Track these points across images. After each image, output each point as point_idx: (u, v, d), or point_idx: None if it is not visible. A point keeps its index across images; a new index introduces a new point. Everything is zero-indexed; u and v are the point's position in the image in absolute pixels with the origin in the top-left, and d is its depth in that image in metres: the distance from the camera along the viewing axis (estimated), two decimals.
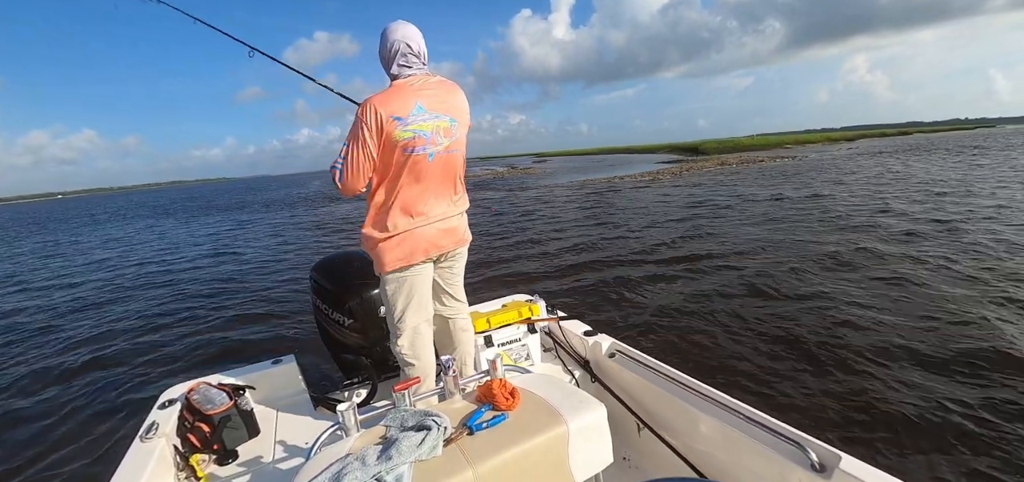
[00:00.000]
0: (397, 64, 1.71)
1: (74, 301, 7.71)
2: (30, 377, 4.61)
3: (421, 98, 1.67)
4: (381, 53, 1.75)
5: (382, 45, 1.74)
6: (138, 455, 1.65)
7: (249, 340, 5.04)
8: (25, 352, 5.38)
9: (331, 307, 2.16)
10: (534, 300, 2.40)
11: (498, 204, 16.22)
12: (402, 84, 1.69)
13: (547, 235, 9.52)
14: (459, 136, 1.78)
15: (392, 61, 1.71)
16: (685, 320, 4.43)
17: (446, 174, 1.78)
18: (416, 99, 1.66)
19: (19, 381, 4.54)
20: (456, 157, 1.79)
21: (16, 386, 4.43)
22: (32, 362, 5.03)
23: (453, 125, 1.74)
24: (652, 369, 1.87)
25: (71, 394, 4.13)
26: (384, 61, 1.75)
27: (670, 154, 53.40)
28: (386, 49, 1.72)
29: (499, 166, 57.04)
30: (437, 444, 1.12)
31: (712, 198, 13.05)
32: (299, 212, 20.88)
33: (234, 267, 9.38)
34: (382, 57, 1.75)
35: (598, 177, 25.05)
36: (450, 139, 1.74)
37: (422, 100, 1.67)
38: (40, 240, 19.56)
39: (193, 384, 2.01)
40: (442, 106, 1.71)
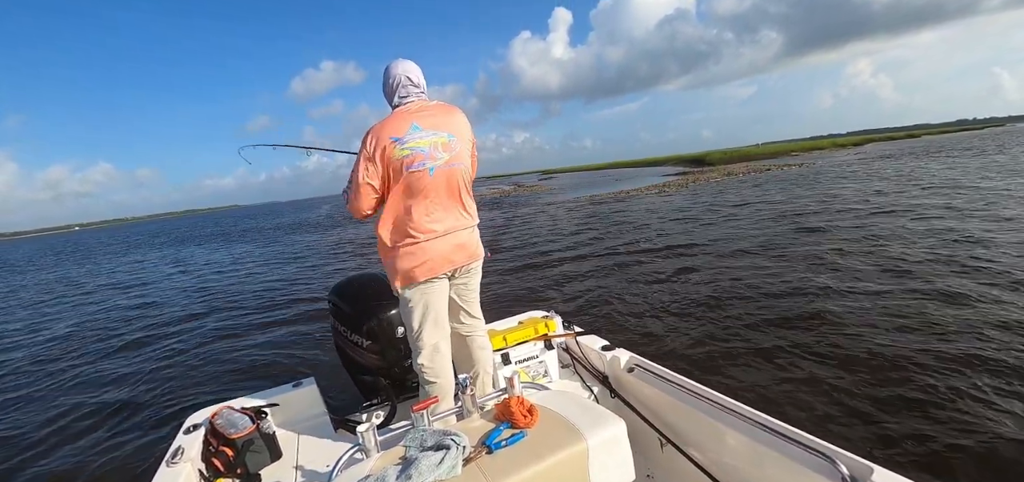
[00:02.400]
0: (398, 95, 1.84)
1: (100, 329, 7.85)
2: (62, 402, 4.68)
3: (417, 119, 1.77)
4: (384, 89, 1.90)
5: (385, 81, 1.89)
6: (165, 480, 1.66)
7: (270, 363, 5.07)
8: (54, 378, 5.47)
9: (349, 329, 2.17)
10: (550, 316, 2.38)
11: (507, 222, 16.25)
12: (401, 110, 1.80)
13: (558, 251, 9.48)
14: (459, 151, 1.84)
15: (394, 93, 1.85)
16: (704, 332, 4.32)
17: (450, 188, 1.82)
18: (412, 120, 1.76)
19: (50, 405, 4.60)
20: (458, 171, 1.84)
21: (47, 410, 4.49)
22: (64, 387, 5.12)
23: (452, 140, 1.81)
24: (673, 383, 1.83)
25: (101, 417, 4.18)
26: (387, 95, 1.89)
27: (676, 166, 53.16)
28: (389, 84, 1.87)
29: (505, 184, 56.76)
30: (456, 464, 1.12)
31: (721, 208, 12.95)
32: (312, 236, 21.12)
33: (252, 291, 9.47)
34: (385, 92, 1.90)
35: (605, 192, 24.95)
36: (450, 153, 1.80)
37: (418, 120, 1.77)
38: (61, 271, 20.01)
39: (217, 408, 2.02)
40: (439, 124, 1.80)
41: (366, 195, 1.78)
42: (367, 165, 1.74)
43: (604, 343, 2.28)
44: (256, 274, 11.97)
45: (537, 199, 26.19)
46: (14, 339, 8.04)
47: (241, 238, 25.56)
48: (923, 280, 5.00)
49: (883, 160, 26.48)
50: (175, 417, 3.78)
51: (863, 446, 2.51)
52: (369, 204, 1.81)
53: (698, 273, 6.35)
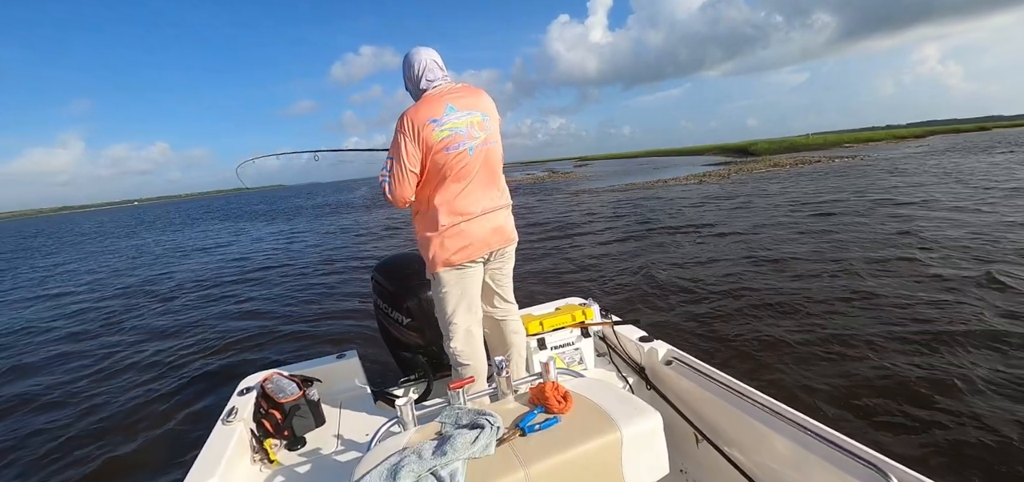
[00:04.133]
0: (425, 79, 1.81)
1: (164, 296, 8.45)
2: (133, 359, 5.10)
3: (450, 99, 1.75)
4: (410, 77, 1.86)
5: (409, 70, 1.85)
6: (220, 436, 1.78)
7: (316, 334, 5.31)
8: (129, 338, 5.95)
9: (391, 306, 2.23)
10: (588, 304, 2.35)
11: (542, 208, 16.17)
12: (432, 94, 1.77)
13: (593, 238, 9.37)
14: (493, 129, 1.83)
15: (421, 78, 1.82)
16: (746, 330, 4.13)
17: (487, 168, 1.81)
18: (446, 101, 1.74)
19: (124, 362, 5.01)
20: (494, 150, 1.84)
21: (121, 365, 4.89)
22: (136, 345, 5.57)
23: (485, 119, 1.80)
24: (712, 379, 1.78)
25: (166, 375, 4.53)
26: (413, 83, 1.85)
27: (718, 156, 51.08)
28: (415, 71, 1.83)
29: (539, 171, 55.95)
30: (490, 443, 1.13)
31: (765, 201, 12.35)
32: (353, 215, 21.78)
33: (301, 266, 9.91)
34: (410, 80, 1.86)
35: (642, 180, 24.34)
36: (485, 132, 1.79)
37: (451, 101, 1.75)
38: (126, 242, 21.57)
39: (268, 374, 2.13)
40: (471, 104, 1.78)
41: (409, 181, 1.74)
42: (407, 150, 1.69)
43: (642, 334, 2.24)
44: (304, 250, 12.49)
45: (572, 186, 25.82)
46: (97, 299, 8.77)
47: (288, 216, 26.67)
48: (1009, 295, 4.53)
49: (948, 154, 24.40)
50: (230, 379, 4.03)
51: (920, 462, 2.36)
52: (412, 190, 1.77)
53: (740, 268, 6.11)
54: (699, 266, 6.43)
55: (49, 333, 6.66)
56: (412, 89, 1.86)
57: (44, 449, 3.45)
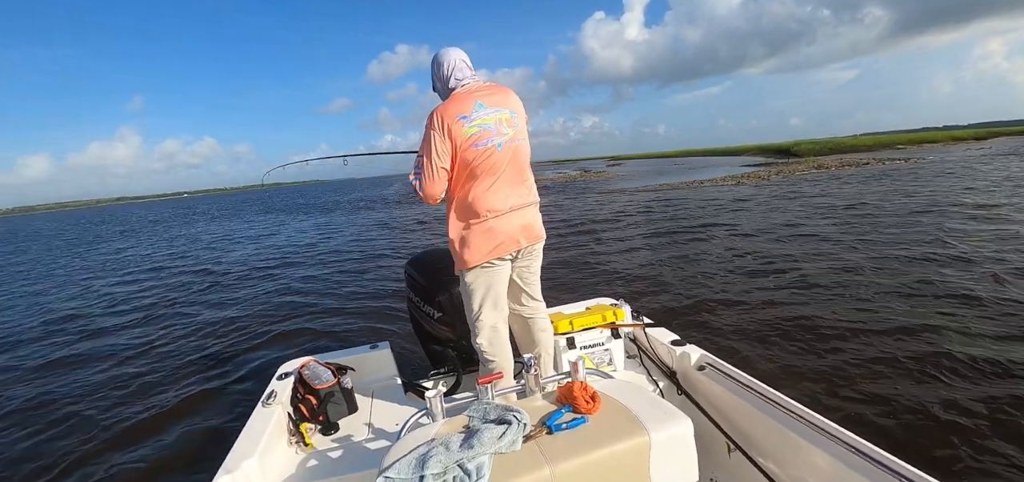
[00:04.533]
0: (454, 77, 1.84)
1: (213, 281, 8.94)
2: (179, 343, 5.40)
3: (479, 97, 1.77)
4: (439, 76, 1.88)
5: (439, 70, 1.87)
6: (260, 418, 1.86)
7: (350, 325, 5.47)
8: (175, 319, 6.31)
9: (422, 300, 2.27)
10: (619, 305, 2.32)
11: (572, 207, 16.05)
12: (460, 91, 1.80)
13: (624, 239, 9.22)
14: (520, 127, 1.84)
15: (450, 77, 1.84)
16: (783, 339, 3.95)
17: (515, 165, 1.82)
18: (475, 98, 1.76)
19: (169, 344, 5.32)
20: (522, 147, 1.85)
21: (166, 347, 5.20)
22: (180, 326, 5.91)
23: (513, 116, 1.82)
24: (747, 387, 1.72)
25: (208, 358, 4.78)
26: (442, 82, 1.87)
27: (757, 156, 49.13)
28: (444, 70, 1.85)
29: (571, 170, 55.13)
30: (517, 439, 1.14)
31: (808, 203, 11.79)
32: (386, 211, 22.27)
33: (337, 258, 10.24)
34: (439, 79, 1.88)
35: (677, 180, 23.74)
36: (513, 129, 1.81)
37: (480, 98, 1.77)
38: (180, 231, 22.82)
39: (305, 361, 2.22)
40: (499, 101, 1.80)
41: (440, 178, 1.76)
42: (438, 147, 1.72)
43: (674, 338, 2.19)
44: (340, 242, 12.88)
45: (604, 185, 25.47)
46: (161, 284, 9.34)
47: (325, 210, 27.58)
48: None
49: (1013, 158, 22.57)
50: (269, 363, 4.23)
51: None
52: (443, 186, 1.79)
53: (778, 273, 5.87)
54: (734, 270, 6.23)
55: (109, 312, 7.17)
56: (441, 88, 1.89)
57: (98, 413, 3.73)
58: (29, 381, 4.69)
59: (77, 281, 10.76)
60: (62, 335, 6.22)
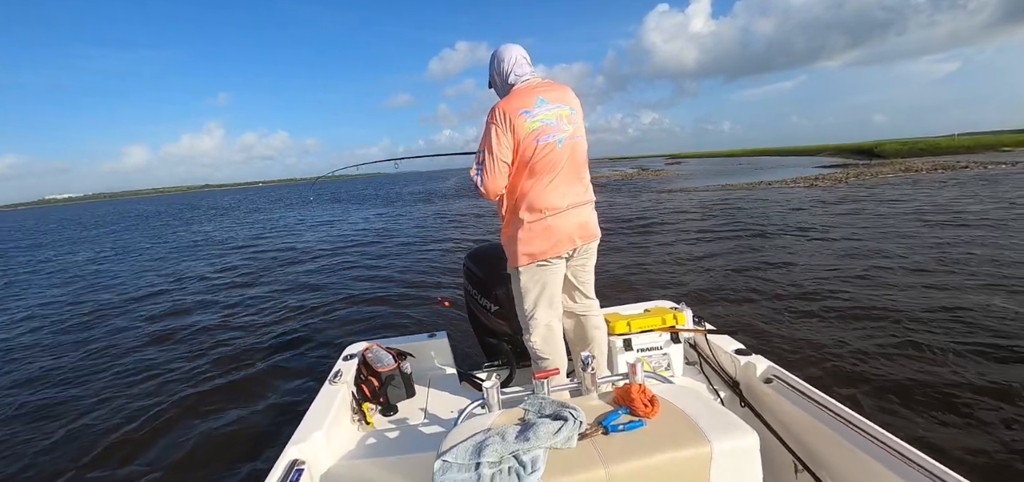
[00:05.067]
0: (514, 73, 1.83)
1: (287, 263, 9.68)
2: (255, 316, 5.88)
3: (540, 92, 1.76)
4: (499, 71, 1.87)
5: (499, 65, 1.87)
6: (327, 394, 1.99)
7: (409, 313, 5.68)
8: (249, 297, 6.87)
9: (480, 293, 2.31)
10: (680, 308, 2.23)
11: (629, 206, 15.63)
12: (521, 87, 1.79)
13: (685, 241, 8.85)
14: (579, 124, 1.83)
15: (510, 73, 1.84)
16: (859, 359, 3.59)
17: (574, 162, 1.81)
18: (537, 94, 1.75)
19: (246, 324, 5.80)
20: (581, 145, 1.83)
21: (243, 324, 5.66)
22: (255, 304, 6.43)
23: (572, 113, 1.81)
24: (820, 404, 1.61)
25: (284, 336, 5.15)
26: (502, 77, 1.86)
27: (834, 157, 45.23)
28: (505, 66, 1.85)
29: (628, 167, 53.24)
30: (572, 436, 1.13)
31: (893, 211, 10.66)
32: (445, 204, 22.82)
33: (398, 247, 10.69)
34: (499, 75, 1.87)
35: (741, 181, 22.37)
36: (573, 126, 1.80)
37: (542, 93, 1.76)
38: (260, 217, 24.71)
39: (368, 344, 2.34)
40: (559, 98, 1.79)
41: (501, 172, 1.75)
42: (499, 140, 1.70)
43: (738, 346, 2.09)
44: (402, 233, 13.43)
45: (663, 184, 24.54)
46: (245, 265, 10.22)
47: (387, 201, 28.80)
48: None
49: None
50: (336, 344, 4.51)
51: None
52: (504, 181, 1.78)
53: (854, 287, 5.37)
54: (805, 279, 5.78)
55: (197, 285, 7.94)
56: (500, 84, 1.89)
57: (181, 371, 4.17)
58: (137, 348, 5.30)
59: (173, 257, 12.03)
60: (161, 303, 7.00)
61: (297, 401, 3.52)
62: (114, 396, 3.97)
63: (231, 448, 3.05)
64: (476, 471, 1.07)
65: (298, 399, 3.56)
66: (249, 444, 3.08)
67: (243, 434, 3.22)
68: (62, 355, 5.17)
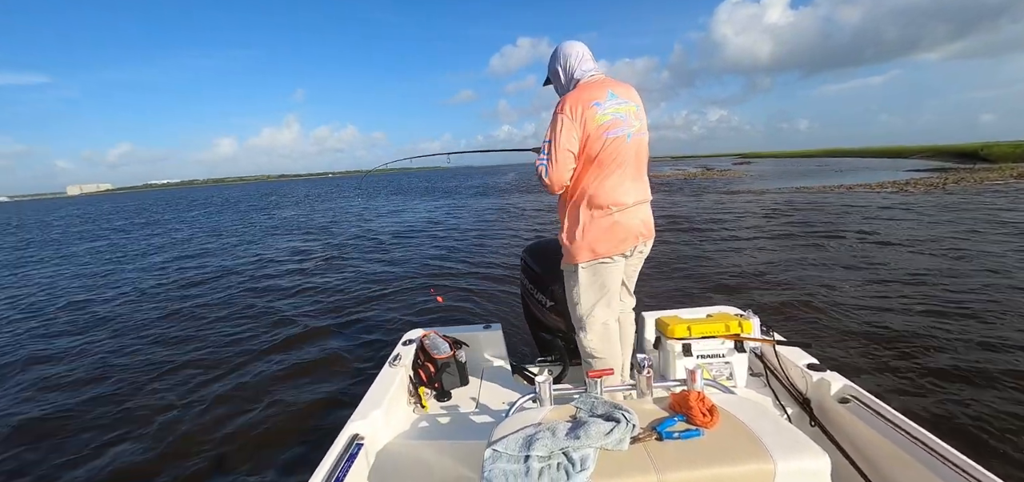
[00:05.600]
0: (581, 69, 1.81)
1: (356, 248, 10.29)
2: (320, 301, 6.28)
3: (610, 86, 1.74)
4: (564, 67, 1.84)
5: (564, 61, 1.83)
6: (387, 376, 2.08)
7: (464, 304, 5.81)
8: (319, 279, 7.34)
9: (536, 288, 2.32)
10: (746, 316, 2.10)
11: (692, 206, 14.95)
12: (590, 81, 1.77)
13: (751, 246, 8.31)
14: (644, 121, 1.81)
15: (576, 68, 1.81)
16: (957, 384, 3.22)
17: (639, 158, 1.79)
18: (607, 88, 1.73)
19: (317, 303, 6.21)
20: (645, 142, 1.81)
21: (318, 308, 6.07)
22: (326, 284, 6.87)
23: (638, 110, 1.78)
24: (902, 430, 1.47)
25: (347, 319, 5.46)
26: (567, 72, 1.83)
27: (930, 159, 40.50)
28: (570, 61, 1.82)
29: (692, 166, 50.30)
30: (624, 438, 1.11)
31: (998, 224, 9.29)
32: (503, 198, 23.08)
33: (457, 239, 10.96)
34: (564, 70, 1.84)
35: (819, 184, 20.59)
36: (640, 122, 1.77)
37: (611, 88, 1.74)
38: (331, 204, 26.30)
39: (426, 331, 2.42)
40: (626, 94, 1.77)
41: (568, 163, 1.72)
42: (569, 131, 1.68)
43: (811, 361, 1.93)
44: (461, 224, 13.78)
45: (730, 185, 23.12)
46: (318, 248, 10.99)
47: (446, 194, 29.61)
48: None
49: None
50: (396, 330, 4.73)
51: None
52: (569, 173, 1.75)
53: (953, 307, 4.76)
54: (891, 295, 5.23)
55: (275, 265, 8.62)
56: (564, 79, 1.85)
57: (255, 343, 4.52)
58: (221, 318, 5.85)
59: (258, 238, 13.17)
60: (243, 279, 7.68)
61: (358, 380, 3.73)
62: (195, 364, 4.39)
63: (297, 420, 3.28)
64: (525, 463, 1.07)
65: (359, 379, 3.76)
66: (313, 417, 3.30)
67: (308, 408, 3.44)
68: (151, 326, 5.81)
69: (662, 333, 2.05)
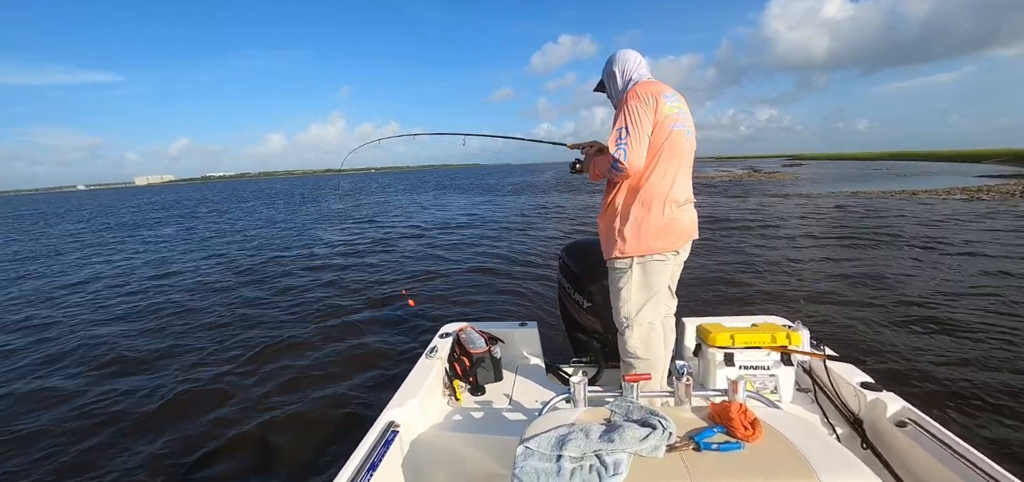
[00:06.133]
0: (638, 73, 1.81)
1: (395, 240, 10.57)
2: (362, 292, 6.48)
3: (665, 87, 1.76)
4: (623, 70, 1.84)
5: (623, 66, 1.84)
6: (423, 367, 2.12)
7: (499, 301, 5.85)
8: (354, 276, 7.59)
9: (573, 288, 2.30)
10: (795, 327, 1.97)
11: (736, 209, 14.34)
12: (648, 81, 1.78)
13: (801, 253, 7.87)
14: (693, 122, 1.84)
15: (635, 70, 1.82)
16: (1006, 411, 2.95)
17: (691, 157, 1.80)
18: (664, 86, 1.75)
19: (359, 293, 6.42)
20: (694, 142, 1.83)
21: (359, 298, 6.27)
22: (364, 276, 7.10)
23: (688, 112, 1.80)
24: (971, 463, 1.34)
25: (386, 307, 5.64)
26: (625, 75, 1.84)
27: (1007, 165, 36.97)
28: (630, 65, 1.83)
29: (738, 168, 47.71)
30: (660, 446, 1.07)
31: None
32: (541, 197, 23.01)
33: (495, 235, 11.04)
34: (622, 74, 1.84)
35: (877, 189, 19.22)
36: (692, 124, 1.79)
37: (666, 88, 1.75)
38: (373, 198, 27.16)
39: (463, 325, 2.45)
40: (679, 96, 1.79)
41: (645, 145, 1.67)
42: (645, 114, 1.65)
43: (865, 379, 1.81)
44: (500, 220, 13.90)
45: (779, 188, 21.95)
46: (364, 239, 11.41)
47: (482, 190, 29.93)
48: None
49: None
50: (434, 321, 4.81)
51: None
52: (645, 156, 1.69)
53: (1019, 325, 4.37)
54: (959, 314, 4.79)
55: (321, 252, 9.01)
56: (622, 82, 1.83)
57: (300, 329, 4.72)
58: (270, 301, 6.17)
59: (307, 229, 13.82)
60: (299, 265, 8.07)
61: (395, 369, 3.83)
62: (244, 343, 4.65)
63: (335, 404, 3.40)
64: (557, 463, 1.06)
65: (396, 368, 3.87)
66: (351, 401, 3.42)
67: (346, 393, 3.56)
68: (208, 308, 6.19)
69: (703, 340, 1.97)
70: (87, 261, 10.53)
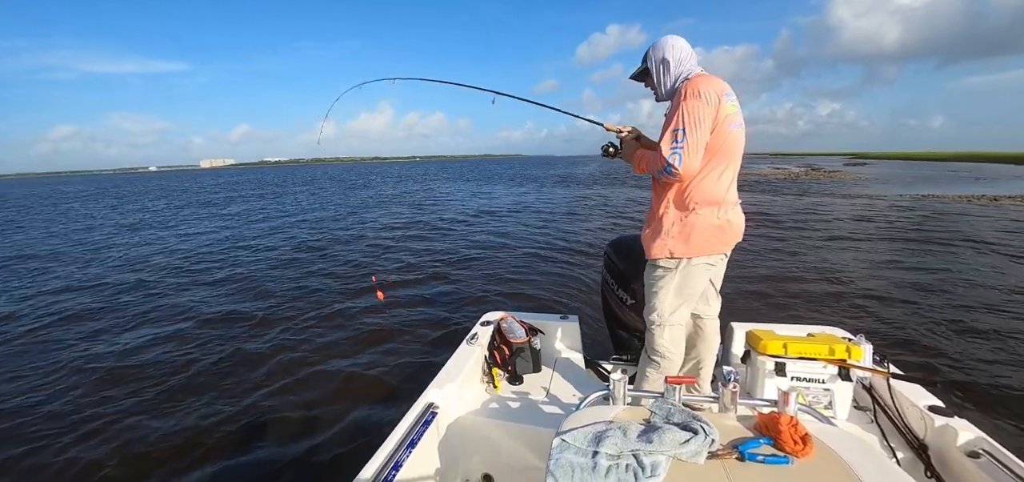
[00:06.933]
0: (688, 65, 1.69)
1: (437, 227, 10.84)
2: (411, 275, 6.68)
3: (725, 84, 1.63)
4: (676, 58, 1.69)
5: (674, 53, 1.69)
6: (464, 352, 2.16)
7: (540, 293, 5.82)
8: (404, 261, 7.81)
9: (617, 284, 2.25)
10: (856, 341, 1.83)
11: (792, 210, 13.51)
12: (704, 73, 1.67)
13: (864, 260, 7.26)
14: None
15: (688, 60, 1.69)
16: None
17: (741, 157, 1.71)
18: (724, 82, 1.63)
19: (403, 278, 6.62)
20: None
21: (405, 281, 6.47)
22: (410, 260, 7.31)
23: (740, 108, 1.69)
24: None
25: (431, 292, 5.78)
26: (679, 65, 1.69)
27: None
28: (684, 53, 1.70)
29: (794, 166, 44.38)
30: (701, 451, 1.04)
31: None
32: (586, 189, 22.64)
33: (540, 226, 11.02)
34: (677, 62, 1.69)
35: (953, 192, 17.43)
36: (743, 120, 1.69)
37: (726, 86, 1.64)
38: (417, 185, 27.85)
39: (503, 315, 2.47)
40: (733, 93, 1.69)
41: (701, 151, 1.56)
42: (706, 116, 1.53)
43: (934, 402, 1.67)
44: (545, 212, 13.90)
45: (840, 187, 20.39)
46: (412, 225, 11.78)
47: (525, 181, 29.97)
48: None
49: None
50: (476, 307, 4.93)
51: None
52: (700, 161, 1.58)
53: None
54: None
55: (373, 235, 9.40)
56: (675, 71, 1.69)
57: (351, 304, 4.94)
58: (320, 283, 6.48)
59: (359, 211, 14.48)
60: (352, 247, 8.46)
61: (436, 353, 3.92)
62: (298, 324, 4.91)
63: (377, 383, 3.54)
64: (593, 458, 1.05)
65: (437, 352, 3.95)
66: (392, 380, 3.55)
67: (388, 371, 3.71)
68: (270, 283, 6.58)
69: (753, 347, 1.87)
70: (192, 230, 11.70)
